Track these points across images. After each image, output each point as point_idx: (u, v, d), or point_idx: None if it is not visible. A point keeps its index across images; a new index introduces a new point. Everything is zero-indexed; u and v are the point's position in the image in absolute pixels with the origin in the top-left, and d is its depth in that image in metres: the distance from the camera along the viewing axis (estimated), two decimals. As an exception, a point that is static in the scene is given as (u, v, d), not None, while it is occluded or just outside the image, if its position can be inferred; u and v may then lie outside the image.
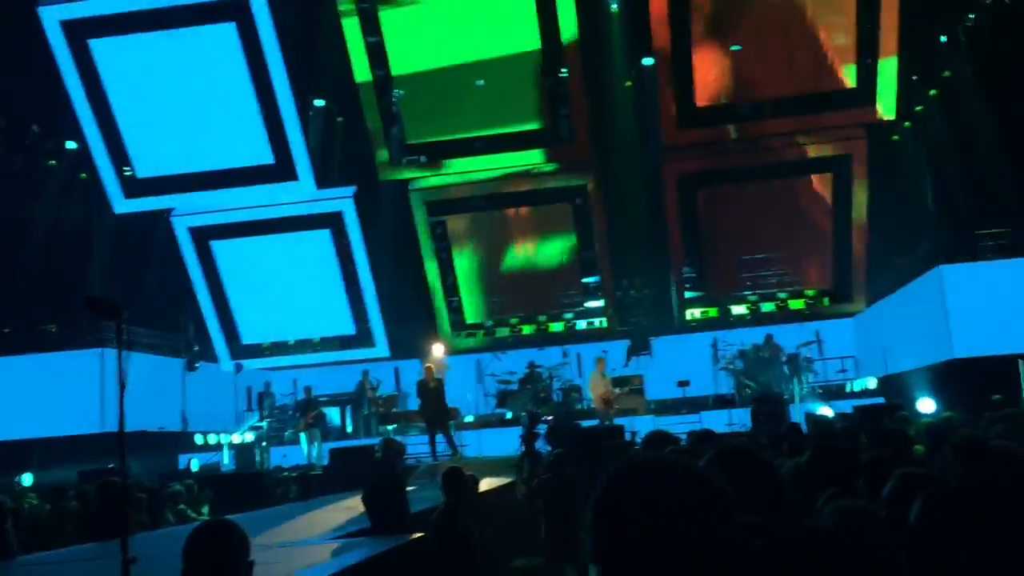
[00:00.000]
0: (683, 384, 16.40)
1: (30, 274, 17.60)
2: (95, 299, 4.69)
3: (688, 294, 18.89)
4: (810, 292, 18.44)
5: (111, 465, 11.73)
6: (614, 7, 17.72)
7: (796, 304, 18.35)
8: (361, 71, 17.77)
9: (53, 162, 18.68)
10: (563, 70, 17.62)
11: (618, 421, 13.93)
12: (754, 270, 18.36)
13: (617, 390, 15.62)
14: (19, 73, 17.76)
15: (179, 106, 17.68)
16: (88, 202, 18.77)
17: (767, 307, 18.38)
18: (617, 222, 18.65)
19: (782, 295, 18.33)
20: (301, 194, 18.51)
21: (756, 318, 18.26)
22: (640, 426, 13.80)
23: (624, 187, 18.48)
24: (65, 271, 17.68)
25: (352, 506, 8.09)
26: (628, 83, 18.25)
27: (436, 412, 13.97)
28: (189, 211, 18.95)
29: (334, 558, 5.02)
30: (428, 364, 14.71)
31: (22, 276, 17.56)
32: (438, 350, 19.04)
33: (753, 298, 18.38)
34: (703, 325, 18.57)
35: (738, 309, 18.55)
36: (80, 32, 17.08)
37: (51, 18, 16.97)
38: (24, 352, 17.13)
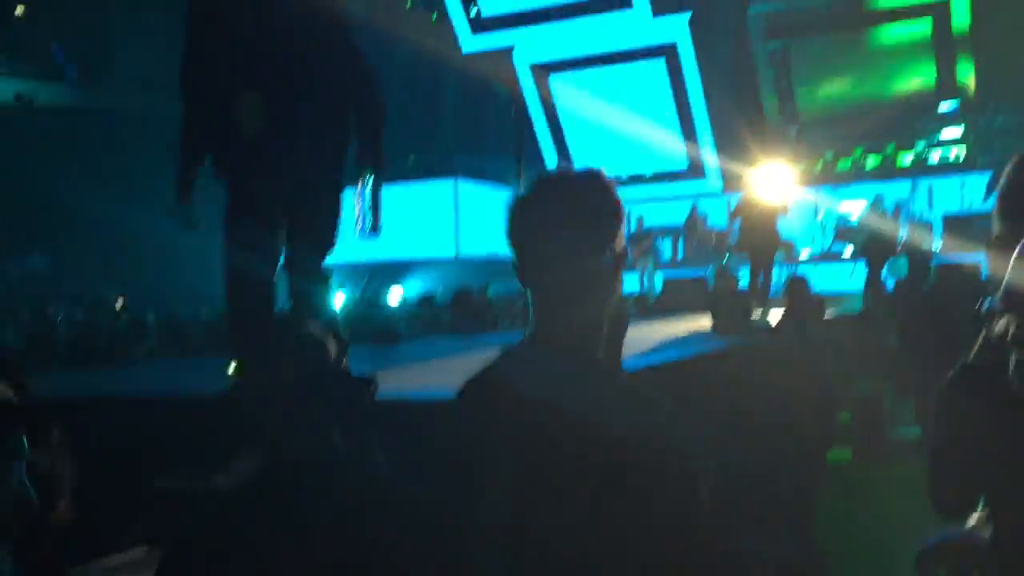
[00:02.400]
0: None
1: (392, 110, 19.24)
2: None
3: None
4: None
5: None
6: None
7: None
8: None
9: (409, 4, 19.97)
10: None
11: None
12: None
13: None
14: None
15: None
16: (439, 43, 19.96)
17: None
18: (986, 37, 16.60)
19: None
20: (636, 23, 18.32)
21: None
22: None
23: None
24: (421, 107, 19.15)
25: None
26: None
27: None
28: (529, 47, 19.49)
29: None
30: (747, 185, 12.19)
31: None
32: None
33: None
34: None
35: None
36: None
37: None
38: (389, 181, 19.01)
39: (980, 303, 2.00)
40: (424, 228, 18.29)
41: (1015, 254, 1.22)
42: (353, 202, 4.17)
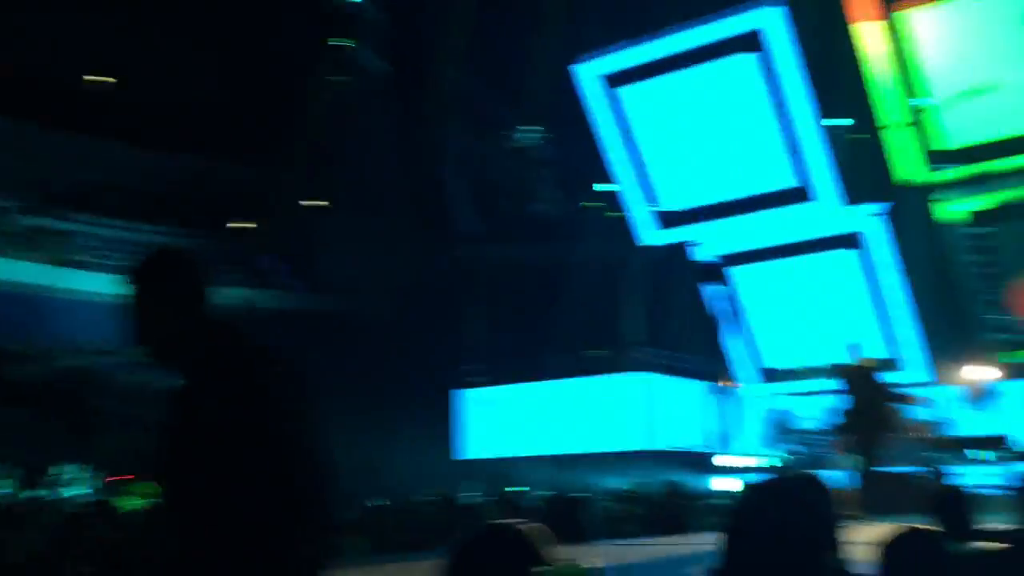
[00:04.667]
0: None
1: (578, 305, 19.79)
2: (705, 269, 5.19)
3: None
4: None
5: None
6: None
7: None
8: (881, 83, 17.10)
9: (590, 204, 20.84)
10: None
11: None
12: None
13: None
14: (562, 125, 20.31)
15: (701, 141, 18.60)
16: (619, 239, 20.59)
17: None
18: None
19: None
20: (825, 214, 18.22)
21: None
22: None
23: None
24: (609, 302, 19.56)
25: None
26: None
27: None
28: (712, 240, 19.70)
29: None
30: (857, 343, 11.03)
31: (573, 307, 19.79)
32: (980, 372, 17.43)
33: None
34: None
35: None
36: (610, 83, 18.88)
37: (586, 74, 19.00)
38: (575, 375, 19.28)
39: None
40: (612, 421, 18.26)
41: None
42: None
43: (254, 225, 22.08)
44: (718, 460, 17.81)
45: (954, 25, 16.52)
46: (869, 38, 16.99)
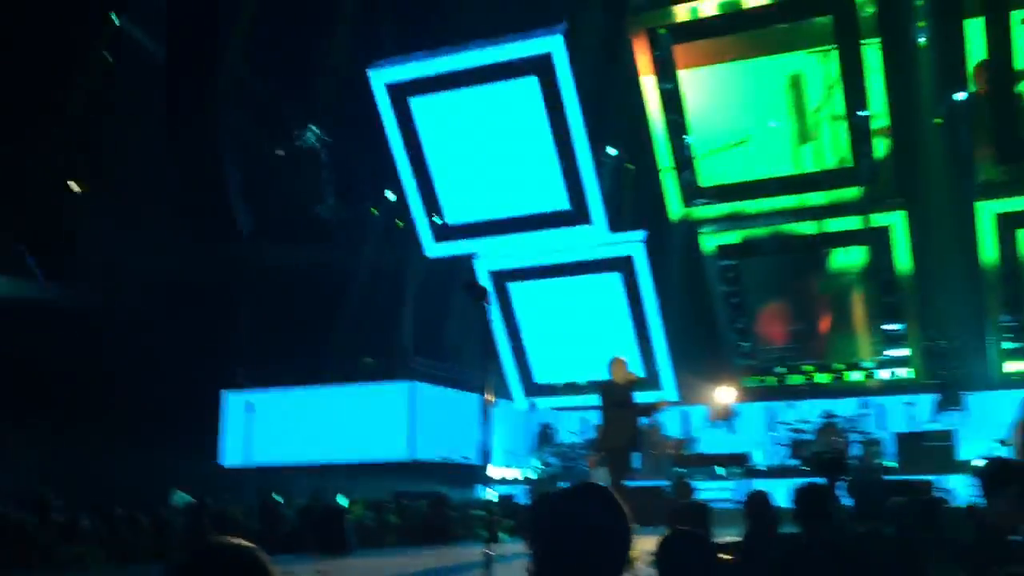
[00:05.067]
0: (1005, 444, 14.94)
1: (351, 311, 19.57)
2: (470, 283, 5.29)
3: (1007, 345, 17.26)
4: None
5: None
6: (922, 41, 16.89)
7: None
8: (654, 117, 18.19)
9: (375, 211, 20.71)
10: (865, 109, 16.99)
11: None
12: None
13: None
14: (349, 129, 20.05)
15: (484, 156, 18.97)
16: (403, 248, 20.58)
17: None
18: (925, 266, 17.52)
19: None
20: (594, 238, 19.07)
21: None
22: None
23: (933, 229, 17.37)
24: (381, 310, 19.45)
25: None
26: (938, 120, 17.23)
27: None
28: (490, 255, 20.11)
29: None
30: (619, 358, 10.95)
31: (345, 313, 19.53)
32: (726, 395, 18.84)
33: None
34: (1027, 380, 16.86)
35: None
36: (402, 91, 18.87)
37: (378, 79, 18.89)
38: (346, 382, 19.00)
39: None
40: (378, 430, 18.11)
41: None
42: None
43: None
44: (486, 472, 18.14)
45: (716, 86, 18.01)
46: (647, 89, 18.13)
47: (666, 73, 18.07)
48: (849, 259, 18.60)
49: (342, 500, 15.92)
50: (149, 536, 9.19)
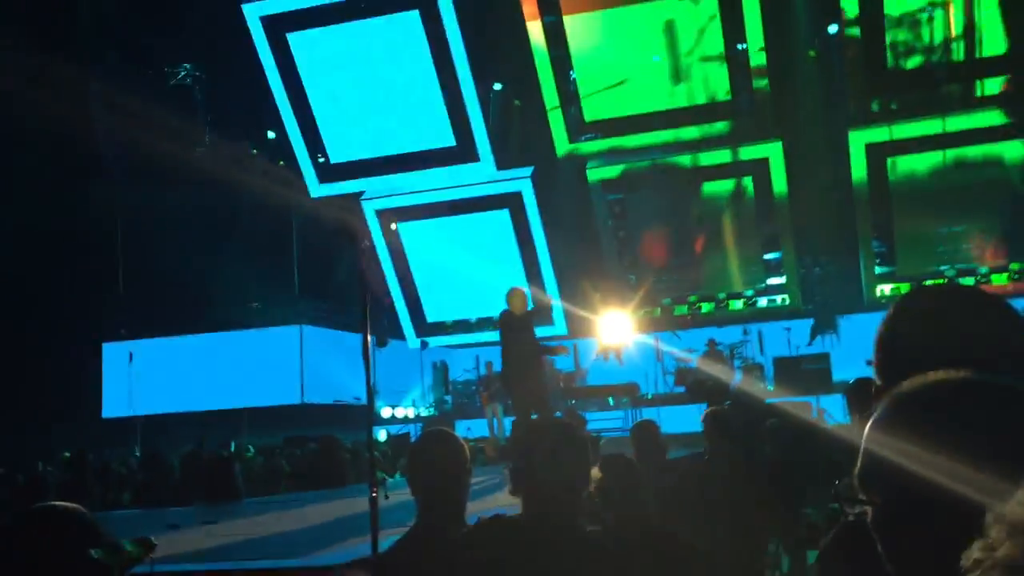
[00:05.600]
0: (871, 364, 15.76)
1: (238, 256, 19.02)
2: (340, 227, 5.21)
3: (878, 269, 18.10)
4: (1015, 265, 17.28)
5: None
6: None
7: (999, 279, 17.24)
8: (539, 51, 18.05)
9: (255, 151, 20.05)
10: (742, 43, 17.28)
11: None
12: (951, 243, 17.38)
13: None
14: (225, 67, 19.27)
15: (367, 94, 18.54)
16: (288, 188, 20.05)
17: (966, 282, 17.35)
18: (800, 195, 18.11)
19: (983, 269, 17.26)
20: (481, 175, 18.98)
21: (953, 294, 17.26)
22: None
23: (808, 159, 17.93)
24: (268, 254, 18.99)
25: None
26: (812, 52, 17.68)
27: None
28: (377, 194, 19.81)
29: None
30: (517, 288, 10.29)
31: (231, 258, 18.97)
32: (614, 327, 19.20)
33: (951, 273, 17.39)
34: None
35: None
36: (279, 26, 18.17)
37: (252, 14, 18.14)
38: (232, 328, 18.57)
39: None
40: (267, 375, 17.84)
41: (867, 430, 1.16)
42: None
43: None
44: (380, 412, 18.12)
45: (598, 30, 18.01)
46: (535, 32, 17.94)
47: (550, 9, 17.91)
48: (727, 190, 19.04)
49: (231, 447, 15.74)
50: (26, 495, 8.86)
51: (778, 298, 18.70)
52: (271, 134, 19.98)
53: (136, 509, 8.29)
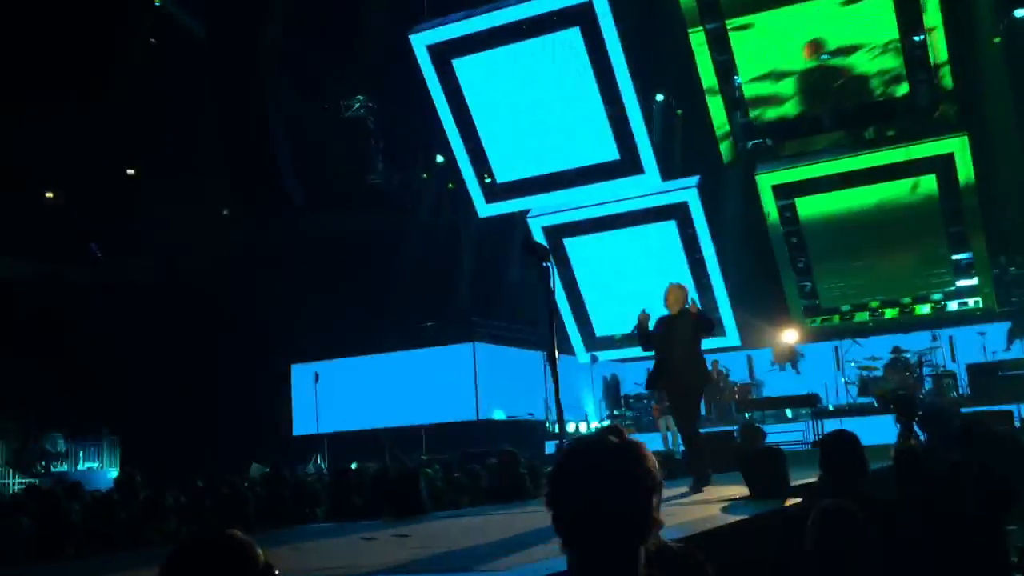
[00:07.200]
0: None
1: (408, 277, 19.68)
2: (530, 243, 5.32)
3: (1081, 269, 16.73)
4: None
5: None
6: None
7: None
8: (702, 58, 17.80)
9: (425, 176, 20.74)
10: (920, 34, 16.43)
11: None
12: None
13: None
14: (392, 96, 20.03)
15: (530, 113, 18.80)
16: (456, 210, 20.62)
17: None
18: (990, 193, 16.98)
19: None
20: (646, 187, 18.85)
21: None
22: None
23: (997, 154, 16.80)
24: (438, 273, 19.55)
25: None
26: (996, 39, 16.59)
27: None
28: (543, 211, 20.01)
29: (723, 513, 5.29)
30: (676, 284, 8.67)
31: (403, 279, 19.65)
32: (789, 336, 18.60)
33: None
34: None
35: None
36: (444, 53, 18.73)
37: (420, 43, 18.76)
38: (406, 348, 19.18)
39: None
40: (442, 393, 18.30)
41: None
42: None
43: (51, 195, 20.61)
44: (554, 428, 18.23)
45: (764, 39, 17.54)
46: (696, 40, 17.70)
47: (712, 15, 17.62)
48: (907, 189, 18.07)
49: (415, 463, 16.20)
50: (230, 507, 9.42)
51: (970, 301, 17.60)
52: (440, 158, 20.60)
53: (330, 523, 8.66)
